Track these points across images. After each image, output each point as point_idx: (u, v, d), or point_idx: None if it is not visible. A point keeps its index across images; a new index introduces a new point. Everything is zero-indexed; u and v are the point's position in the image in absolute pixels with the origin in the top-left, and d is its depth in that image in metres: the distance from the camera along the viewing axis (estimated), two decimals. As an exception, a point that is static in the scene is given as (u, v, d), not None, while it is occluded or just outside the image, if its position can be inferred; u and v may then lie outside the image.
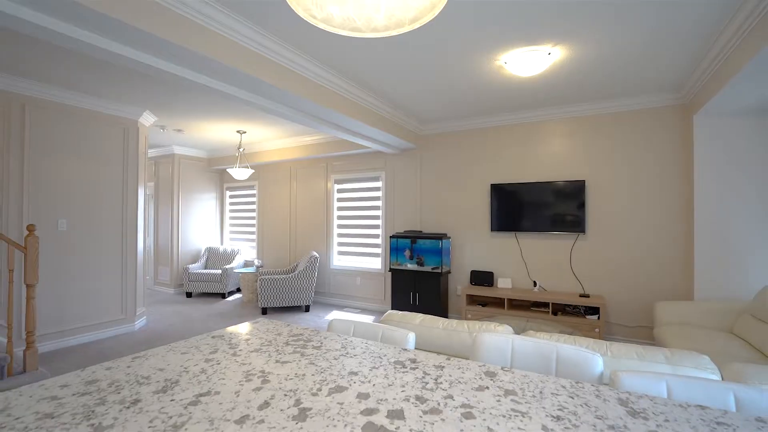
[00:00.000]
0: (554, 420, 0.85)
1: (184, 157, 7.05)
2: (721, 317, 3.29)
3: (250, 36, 2.59)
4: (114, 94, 4.02)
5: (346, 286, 5.99)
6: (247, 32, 2.57)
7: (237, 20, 2.47)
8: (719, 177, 3.51)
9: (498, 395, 0.97)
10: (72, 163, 4.01)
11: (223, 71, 2.61)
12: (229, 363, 1.19)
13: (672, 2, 2.29)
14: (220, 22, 2.41)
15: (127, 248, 4.50)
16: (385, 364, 1.19)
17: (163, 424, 0.83)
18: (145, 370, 1.13)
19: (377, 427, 0.82)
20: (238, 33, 2.54)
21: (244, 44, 2.62)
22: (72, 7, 1.81)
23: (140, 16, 2.02)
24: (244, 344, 1.37)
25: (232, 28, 2.49)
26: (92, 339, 4.15)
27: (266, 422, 0.83)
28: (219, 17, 2.38)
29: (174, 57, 2.40)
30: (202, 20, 2.33)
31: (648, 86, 3.66)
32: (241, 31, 2.53)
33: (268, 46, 2.74)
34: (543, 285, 4.48)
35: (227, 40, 2.51)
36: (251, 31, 2.59)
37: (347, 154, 5.94)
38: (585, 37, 2.71)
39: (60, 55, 3.03)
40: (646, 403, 0.93)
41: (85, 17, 1.89)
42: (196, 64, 2.49)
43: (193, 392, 0.98)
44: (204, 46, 2.36)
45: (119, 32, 2.05)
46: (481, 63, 3.15)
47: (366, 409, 0.90)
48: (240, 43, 2.59)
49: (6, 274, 3.13)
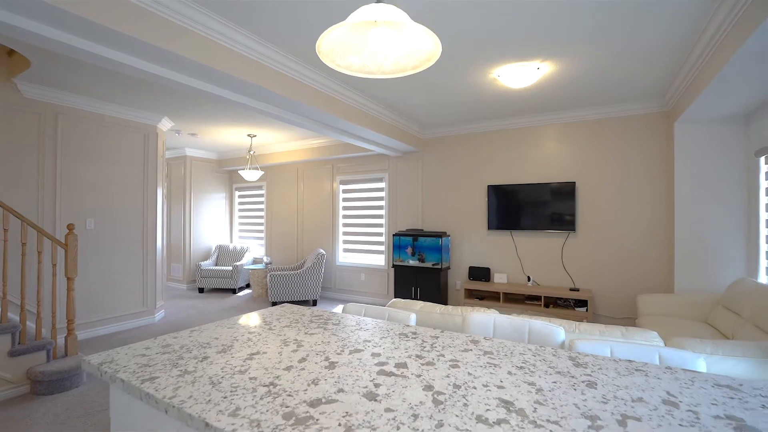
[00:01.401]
0: (517, 368, 1.15)
1: (196, 158, 7.37)
2: (697, 308, 3.58)
3: (269, 55, 2.90)
4: (136, 103, 4.34)
5: (351, 281, 6.31)
6: (266, 51, 2.87)
7: (259, 42, 2.78)
8: (697, 180, 3.80)
9: (478, 354, 1.28)
10: (98, 166, 4.33)
11: (242, 86, 2.92)
12: (268, 335, 1.49)
13: (641, 23, 2.58)
14: (244, 44, 2.72)
15: (148, 245, 4.82)
16: (392, 335, 1.49)
17: (231, 369, 1.14)
18: (204, 338, 1.44)
19: (387, 372, 1.12)
20: (260, 53, 2.84)
21: (264, 62, 2.93)
22: (111, 34, 2.10)
23: (173, 39, 2.33)
24: (276, 322, 1.68)
25: (253, 49, 2.79)
26: (117, 329, 4.48)
27: (306, 369, 1.14)
28: (242, 39, 2.69)
29: (202, 75, 2.70)
30: (227, 42, 2.64)
31: (633, 95, 3.95)
32: (263, 52, 2.84)
33: (283, 62, 3.05)
34: (536, 280, 4.78)
35: (248, 59, 2.82)
36: (270, 51, 2.89)
37: (352, 156, 6.24)
38: (568, 54, 3.01)
39: (89, 69, 3.34)
40: (589, 359, 1.23)
41: (121, 42, 2.18)
42: (219, 79, 2.79)
43: (246, 352, 1.29)
44: (225, 64, 2.66)
45: (150, 53, 2.33)
46: (477, 76, 3.44)
47: (378, 362, 1.20)
48: (259, 61, 2.90)
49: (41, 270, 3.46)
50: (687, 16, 2.48)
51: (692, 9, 2.40)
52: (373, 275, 6.10)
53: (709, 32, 2.61)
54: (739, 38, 2.22)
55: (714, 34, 2.59)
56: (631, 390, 1.00)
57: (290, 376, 1.09)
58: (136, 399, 1.08)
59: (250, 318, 1.74)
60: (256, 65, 2.88)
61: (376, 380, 1.06)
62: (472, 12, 2.42)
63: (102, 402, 2.77)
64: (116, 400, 1.16)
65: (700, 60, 2.94)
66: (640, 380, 1.07)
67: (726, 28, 2.43)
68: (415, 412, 0.89)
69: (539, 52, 2.98)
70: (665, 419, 0.86)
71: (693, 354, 1.25)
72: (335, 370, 1.13)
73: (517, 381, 1.06)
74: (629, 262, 4.28)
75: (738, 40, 2.24)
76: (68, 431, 2.38)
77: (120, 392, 1.14)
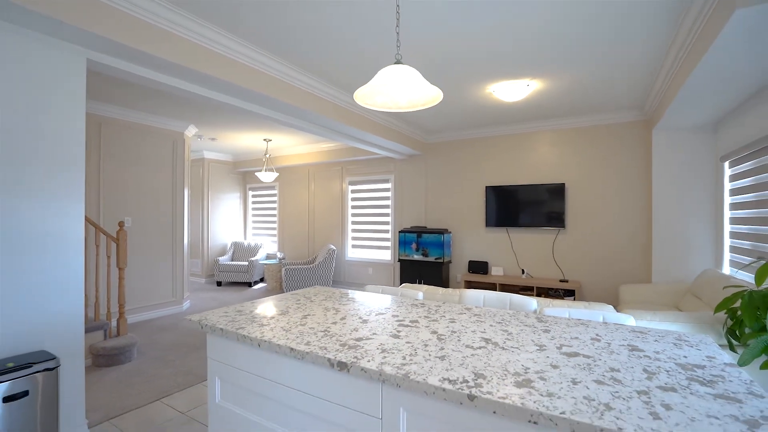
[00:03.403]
0: (497, 323, 1.62)
1: (213, 160, 7.85)
2: (671, 296, 4.04)
3: (287, 72, 3.37)
4: (166, 112, 4.82)
5: (360, 275, 6.78)
6: (285, 69, 3.34)
7: (275, 60, 3.25)
8: (672, 181, 4.25)
9: (470, 316, 1.74)
10: (134, 169, 4.82)
11: (258, 98, 3.35)
12: (311, 305, 1.97)
13: (616, 47, 3.03)
14: (264, 63, 3.19)
15: (176, 241, 5.31)
16: (405, 304, 1.96)
17: (294, 323, 1.61)
18: (264, 306, 1.91)
19: (405, 324, 1.59)
20: (276, 70, 3.31)
21: (278, 77, 3.39)
22: (159, 61, 2.57)
23: (200, 60, 2.80)
24: (314, 297, 2.15)
25: (274, 68, 3.26)
26: (151, 317, 4.97)
27: (347, 324, 1.61)
28: (263, 59, 3.16)
29: (224, 89, 3.18)
30: (247, 61, 3.11)
31: (615, 106, 4.40)
32: (279, 68, 3.31)
33: (297, 77, 3.51)
34: (530, 272, 5.24)
35: (266, 75, 3.29)
36: (287, 68, 3.36)
37: (360, 159, 6.71)
38: (553, 73, 3.46)
39: (129, 85, 3.82)
40: (550, 318, 1.70)
41: (164, 66, 2.63)
42: (239, 93, 3.26)
43: (300, 315, 1.76)
44: (245, 80, 3.13)
45: (185, 74, 2.77)
46: (475, 91, 3.90)
47: (397, 319, 1.67)
48: (275, 75, 3.37)
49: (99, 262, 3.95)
50: (655, 38, 2.92)
51: (659, 33, 2.85)
52: (380, 269, 6.57)
53: (671, 55, 3.06)
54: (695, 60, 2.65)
55: (676, 56, 3.03)
56: (572, 333, 1.47)
57: (336, 327, 1.56)
58: (232, 341, 1.55)
59: (293, 295, 2.22)
60: (273, 80, 3.35)
61: (397, 328, 1.53)
62: (468, 41, 2.88)
63: (153, 372, 3.26)
64: (213, 344, 1.63)
65: (668, 77, 3.38)
66: (581, 329, 1.53)
67: (682, 55, 2.88)
68: (425, 343, 1.36)
69: (528, 72, 3.44)
70: (587, 345, 1.32)
71: (626, 315, 1.71)
72: (367, 324, 1.60)
73: (495, 329, 1.53)
74: (613, 255, 4.74)
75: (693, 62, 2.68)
76: (132, 392, 2.87)
77: (217, 338, 1.61)
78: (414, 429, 1.10)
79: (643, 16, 2.55)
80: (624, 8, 2.45)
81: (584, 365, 1.15)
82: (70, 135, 2.28)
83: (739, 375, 1.08)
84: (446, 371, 1.10)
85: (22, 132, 2.10)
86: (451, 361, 1.19)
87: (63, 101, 2.25)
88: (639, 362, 1.18)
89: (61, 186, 2.23)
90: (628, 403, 0.91)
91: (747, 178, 3.47)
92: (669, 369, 1.13)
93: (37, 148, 2.15)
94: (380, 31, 2.73)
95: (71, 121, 2.28)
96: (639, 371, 1.11)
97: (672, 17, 2.57)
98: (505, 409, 0.92)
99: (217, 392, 1.63)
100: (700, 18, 2.38)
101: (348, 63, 3.27)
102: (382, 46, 2.97)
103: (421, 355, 1.23)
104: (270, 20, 2.62)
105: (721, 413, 0.87)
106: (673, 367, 1.14)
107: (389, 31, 2.73)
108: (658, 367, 1.14)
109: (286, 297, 2.16)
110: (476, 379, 1.05)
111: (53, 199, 2.21)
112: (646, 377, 1.06)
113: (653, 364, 1.16)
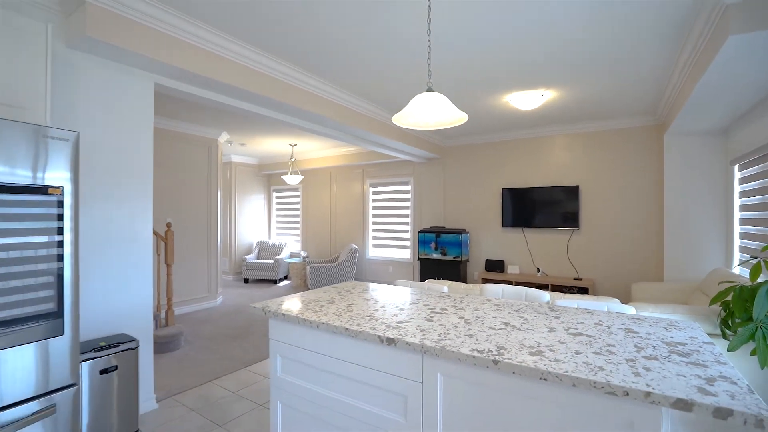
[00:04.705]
0: (514, 311, 1.90)
1: (240, 164, 8.27)
2: (681, 294, 4.22)
3: (312, 84, 3.69)
4: (203, 121, 5.21)
5: (381, 273, 7.10)
6: (310, 81, 3.66)
7: (302, 73, 3.58)
8: (684, 184, 4.42)
9: (491, 306, 2.03)
10: (174, 174, 5.23)
11: (293, 110, 3.68)
12: (352, 296, 2.28)
13: (626, 58, 3.26)
14: (293, 77, 3.52)
15: (210, 240, 5.71)
16: (434, 296, 2.26)
17: (343, 310, 1.92)
18: (311, 297, 2.23)
19: (436, 311, 1.88)
20: (305, 83, 3.64)
21: (312, 91, 3.72)
22: (210, 81, 2.92)
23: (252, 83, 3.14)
24: (353, 289, 2.46)
25: (299, 79, 3.59)
26: (190, 310, 5.38)
27: (387, 311, 1.91)
28: (287, 71, 3.49)
29: (256, 101, 3.52)
30: (277, 75, 3.44)
31: (628, 111, 4.59)
32: (308, 81, 3.63)
33: (331, 92, 3.84)
34: (545, 271, 5.47)
35: (301, 90, 3.61)
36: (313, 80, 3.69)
37: (381, 162, 7.02)
38: (567, 83, 3.70)
39: (172, 98, 4.21)
40: (560, 308, 1.97)
41: (212, 85, 2.97)
42: (276, 106, 3.60)
43: (345, 303, 2.07)
44: (275, 92, 3.47)
45: (230, 90, 3.10)
46: (492, 101, 4.16)
47: (428, 308, 1.97)
48: (310, 90, 3.69)
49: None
50: (662, 55, 3.14)
51: (666, 50, 3.07)
52: (400, 267, 6.87)
53: (678, 69, 3.27)
54: (698, 74, 2.86)
55: (682, 71, 3.25)
56: (579, 319, 1.74)
57: (379, 314, 1.87)
58: (293, 324, 1.87)
59: (333, 288, 2.54)
60: (307, 94, 3.68)
61: (430, 315, 1.83)
62: (488, 60, 3.15)
63: (201, 358, 3.63)
64: (275, 327, 1.96)
65: (675, 89, 3.59)
66: (586, 316, 1.80)
67: (687, 70, 3.09)
68: (455, 325, 1.65)
69: (542, 83, 3.68)
70: (590, 328, 1.59)
71: (629, 306, 1.97)
72: (404, 311, 1.91)
73: (513, 315, 1.81)
74: (625, 255, 4.93)
75: (697, 76, 2.89)
76: (187, 374, 3.24)
77: (278, 322, 1.94)
78: (450, 388, 1.40)
79: (650, 35, 2.78)
80: (633, 29, 2.69)
81: (586, 342, 1.43)
82: (142, 149, 2.65)
83: (712, 350, 1.35)
84: (474, 344, 1.40)
85: (106, 147, 2.47)
86: (478, 338, 1.48)
87: (135, 119, 2.62)
88: (632, 340, 1.45)
89: (137, 193, 2.60)
90: (618, 367, 1.19)
91: (755, 181, 3.65)
92: (655, 345, 1.39)
93: (120, 161, 2.52)
94: (410, 56, 3.03)
95: (142, 136, 2.65)
96: (630, 347, 1.38)
97: (677, 36, 2.79)
98: (522, 370, 1.21)
99: (278, 367, 1.96)
100: (702, 39, 2.60)
101: (378, 79, 3.58)
102: (409, 65, 3.26)
103: (452, 334, 1.53)
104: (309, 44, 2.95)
105: (688, 373, 1.14)
106: (659, 344, 1.40)
107: (420, 54, 3.03)
108: (647, 343, 1.41)
109: (328, 290, 2.48)
110: (499, 350, 1.34)
111: (131, 204, 2.58)
112: (635, 350, 1.34)
113: (643, 342, 1.43)
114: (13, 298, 1.45)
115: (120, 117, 2.54)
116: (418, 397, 1.47)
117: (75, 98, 2.34)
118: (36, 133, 1.53)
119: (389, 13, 2.52)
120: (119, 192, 2.53)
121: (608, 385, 1.07)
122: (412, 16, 2.55)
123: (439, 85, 3.81)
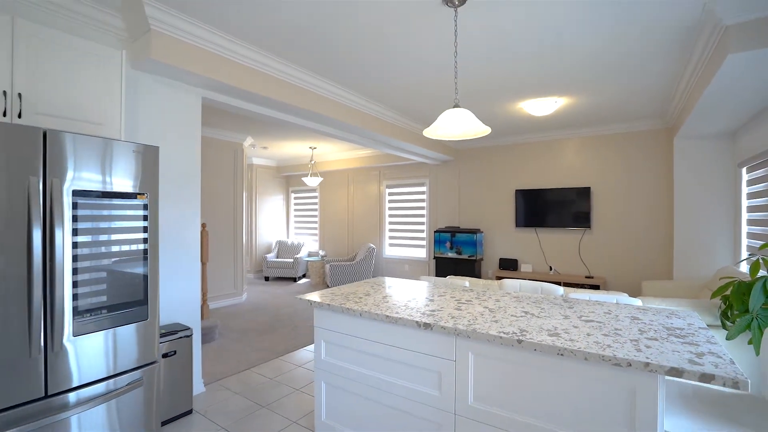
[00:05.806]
0: (532, 302, 2.14)
1: (260, 166, 8.60)
2: (689, 290, 4.39)
3: (332, 90, 3.95)
4: (230, 127, 5.52)
5: (397, 271, 7.35)
6: (330, 88, 3.91)
7: (333, 85, 3.84)
8: (693, 186, 4.59)
9: (510, 298, 2.27)
10: (205, 177, 5.55)
11: (321, 119, 3.94)
12: (384, 289, 2.53)
13: (637, 68, 3.46)
14: (316, 84, 3.79)
15: (236, 239, 6.02)
16: (458, 290, 2.50)
17: (380, 301, 2.18)
18: (348, 291, 2.50)
19: (462, 302, 2.13)
20: (324, 89, 3.90)
21: (326, 95, 3.98)
22: (248, 95, 3.20)
23: (286, 95, 3.41)
24: (384, 283, 2.72)
25: (320, 86, 3.85)
26: (218, 306, 5.70)
27: (419, 302, 2.17)
28: (321, 84, 3.76)
29: (281, 108, 3.79)
30: (315, 89, 3.71)
31: (638, 116, 4.77)
32: (326, 88, 3.90)
33: (346, 96, 4.10)
34: (557, 269, 5.66)
35: (314, 95, 3.87)
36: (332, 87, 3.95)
37: (397, 164, 7.27)
38: (579, 91, 3.91)
39: (205, 107, 4.51)
40: (574, 300, 2.20)
41: (250, 98, 3.24)
42: (303, 114, 3.87)
43: (380, 295, 2.33)
44: (307, 103, 3.74)
45: (265, 101, 3.36)
46: (506, 107, 4.39)
47: (455, 299, 2.22)
48: (324, 95, 3.96)
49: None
50: (669, 67, 3.33)
51: (672, 62, 3.26)
52: (416, 266, 7.12)
53: (684, 79, 3.46)
54: (703, 85, 3.04)
55: (688, 81, 3.43)
56: (590, 309, 1.98)
57: (412, 303, 2.12)
58: (337, 313, 2.13)
59: (366, 283, 2.80)
60: (335, 104, 3.95)
61: (457, 305, 2.08)
62: (502, 66, 3.38)
63: (237, 349, 3.92)
64: (319, 316, 2.22)
65: (683, 97, 3.77)
66: (597, 306, 2.03)
67: (693, 81, 3.28)
68: (481, 313, 1.90)
69: (556, 91, 3.90)
70: (600, 316, 1.83)
71: (636, 299, 2.19)
72: (434, 302, 2.16)
73: (532, 306, 2.05)
74: (636, 253, 5.11)
75: (702, 86, 3.07)
76: (226, 362, 3.54)
77: (323, 311, 2.21)
78: (479, 365, 1.64)
79: (658, 49, 2.98)
80: (644, 44, 2.89)
81: (596, 326, 1.66)
82: (192, 157, 2.94)
83: (705, 332, 1.57)
84: (500, 328, 1.64)
85: (164, 157, 2.77)
86: (502, 323, 1.72)
87: (186, 131, 2.91)
88: (636, 326, 1.68)
89: (188, 197, 2.90)
90: (623, 345, 1.43)
91: (762, 184, 3.81)
92: (657, 329, 1.62)
93: (174, 169, 2.82)
94: (434, 72, 3.27)
95: (192, 146, 2.94)
96: (635, 330, 1.61)
97: (683, 51, 2.98)
98: (542, 347, 1.45)
99: (323, 351, 2.22)
100: (704, 55, 2.79)
101: (405, 93, 3.83)
102: (435, 81, 3.51)
103: (480, 320, 1.77)
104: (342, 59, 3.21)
105: (682, 350, 1.37)
106: (660, 329, 1.63)
107: (444, 71, 3.27)
108: (649, 328, 1.64)
109: (362, 284, 2.74)
110: (521, 332, 1.58)
111: (183, 207, 2.87)
112: (639, 333, 1.57)
113: (646, 327, 1.66)
114: (114, 287, 1.74)
115: (174, 129, 2.83)
116: (451, 372, 1.72)
117: (138, 113, 2.64)
118: (127, 148, 1.81)
119: (420, 38, 2.75)
120: (175, 197, 2.82)
121: (614, 357, 1.31)
122: (443, 43, 2.79)
123: (459, 93, 4.05)
